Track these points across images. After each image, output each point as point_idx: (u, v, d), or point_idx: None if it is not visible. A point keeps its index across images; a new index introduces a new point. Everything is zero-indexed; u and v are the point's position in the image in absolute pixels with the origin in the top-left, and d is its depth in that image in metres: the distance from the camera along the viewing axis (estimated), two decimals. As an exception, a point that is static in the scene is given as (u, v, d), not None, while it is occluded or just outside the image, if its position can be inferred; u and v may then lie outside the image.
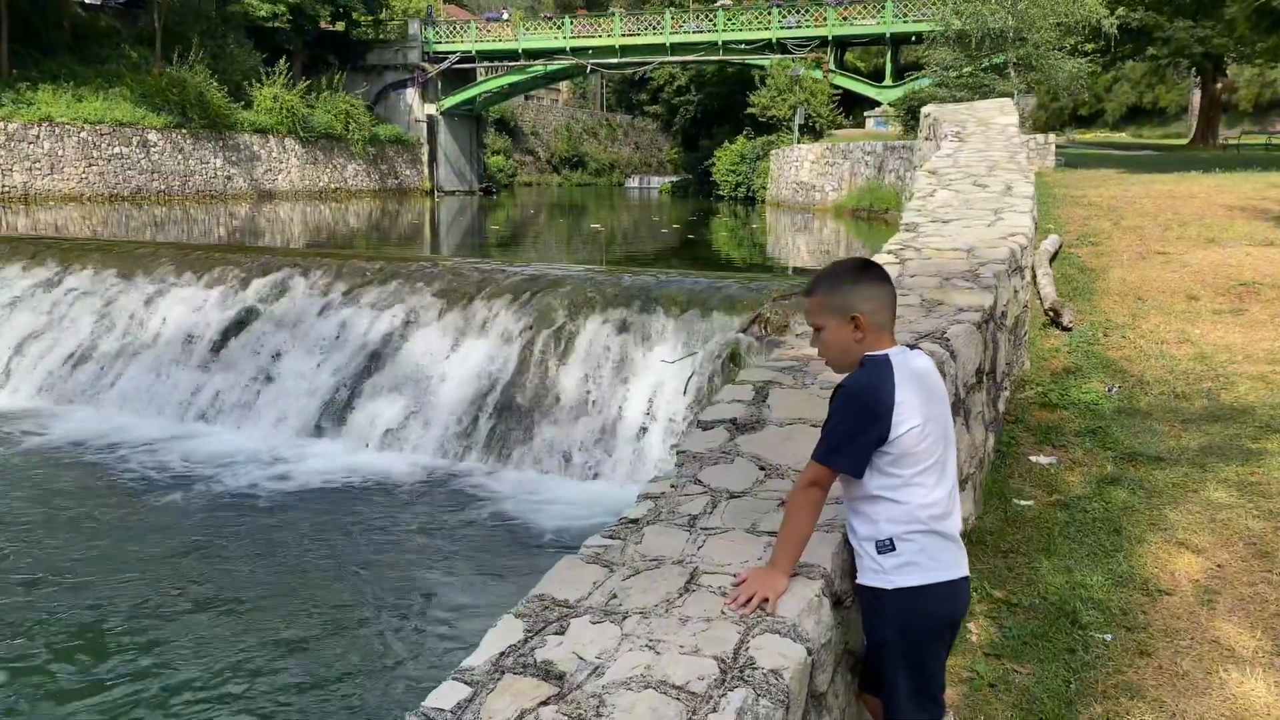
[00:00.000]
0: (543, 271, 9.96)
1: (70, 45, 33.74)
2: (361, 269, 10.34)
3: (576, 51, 43.74)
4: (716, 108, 57.78)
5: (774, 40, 40.15)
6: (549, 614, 1.85)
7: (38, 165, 29.62)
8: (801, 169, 33.08)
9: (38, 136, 29.63)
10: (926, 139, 8.81)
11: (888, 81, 38.87)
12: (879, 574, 2.09)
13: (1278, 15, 23.05)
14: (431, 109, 46.37)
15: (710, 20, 41.79)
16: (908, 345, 2.22)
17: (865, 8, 39.94)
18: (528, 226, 31.46)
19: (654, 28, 42.76)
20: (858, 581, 2.15)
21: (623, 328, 8.63)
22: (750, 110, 40.39)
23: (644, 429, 7.98)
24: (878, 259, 4.16)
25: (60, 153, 30.21)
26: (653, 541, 2.16)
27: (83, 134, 30.77)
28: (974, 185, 6.79)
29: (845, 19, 39.61)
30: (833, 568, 2.08)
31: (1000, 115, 8.64)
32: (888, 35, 38.99)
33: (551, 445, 8.14)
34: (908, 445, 2.06)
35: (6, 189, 28.70)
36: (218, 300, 10.16)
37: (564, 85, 76.99)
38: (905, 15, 38.28)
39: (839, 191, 30.38)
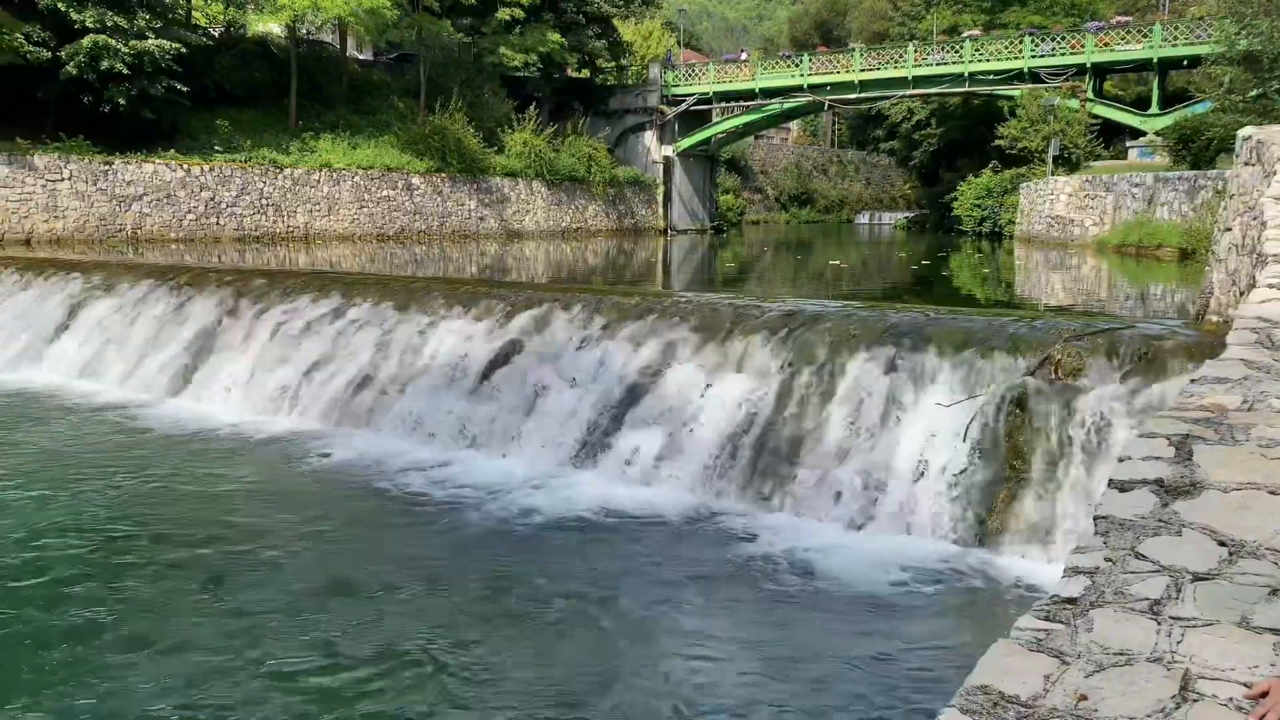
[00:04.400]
0: (800, 307, 9.64)
1: (347, 98, 36.95)
2: (619, 304, 10.39)
3: (814, 88, 43.43)
4: (958, 141, 55.77)
5: (1025, 70, 38.21)
6: (1003, 713, 1.52)
7: (317, 207, 32.49)
8: (1057, 203, 31.11)
9: (318, 181, 32.53)
10: (1247, 164, 7.83)
11: (1153, 109, 36.05)
12: None
13: None
14: (668, 150, 47.36)
15: (956, 52, 40.36)
16: None
17: (1129, 33, 37.34)
18: (762, 263, 31.28)
19: (895, 61, 41.79)
20: None
21: (891, 367, 8.15)
22: (998, 142, 38.62)
23: (917, 476, 7.45)
24: (1256, 294, 3.54)
25: (336, 196, 33.01)
26: (1108, 629, 1.78)
27: (356, 179, 33.50)
28: (1345, 211, 5.87)
29: (1106, 45, 37.14)
30: (1383, 681, 1.61)
31: (1344, 134, 7.52)
32: (1154, 61, 36.21)
33: (813, 488, 7.76)
34: None
35: (291, 229, 31.63)
36: (484, 332, 10.49)
37: (794, 123, 76.99)
38: (1175, 39, 35.41)
39: (1100, 226, 28.31)
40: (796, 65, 44.52)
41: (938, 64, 40.52)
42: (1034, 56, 38.17)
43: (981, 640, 5.63)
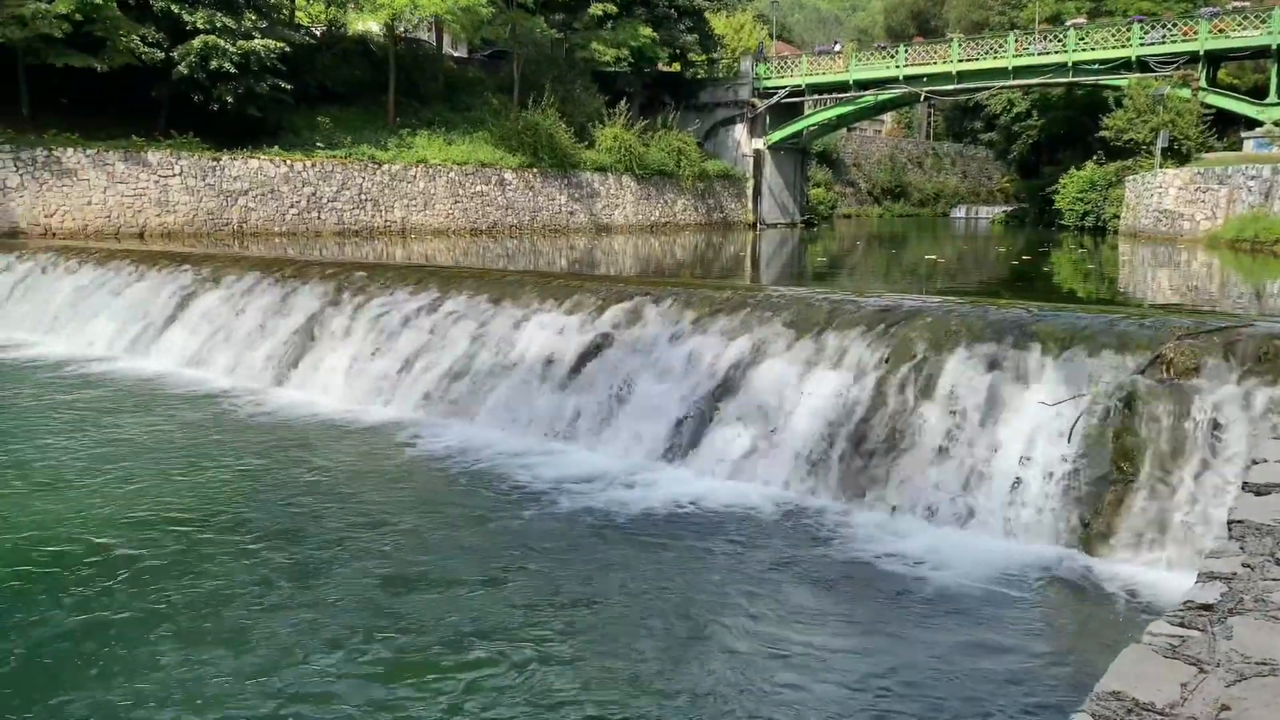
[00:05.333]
0: (897, 302, 9.46)
1: (443, 95, 37.62)
2: (710, 297, 10.35)
3: (910, 80, 42.57)
4: (1060, 133, 54.13)
5: (1133, 59, 36.80)
6: (1137, 721, 1.45)
7: (413, 202, 33.18)
8: (1165, 196, 29.90)
9: (414, 177, 33.21)
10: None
11: (1271, 98, 34.37)
12: None
13: None
14: (759, 143, 47.01)
15: (1059, 41, 39.08)
16: None
17: (1246, 18, 35.64)
18: (853, 258, 30.82)
19: (995, 52, 40.68)
20: None
21: (992, 364, 7.94)
22: (1102, 134, 37.36)
23: (1018, 477, 7.24)
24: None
25: (432, 191, 33.66)
26: (1249, 638, 1.68)
27: (451, 174, 34.11)
28: None
29: (1221, 31, 35.51)
30: None
31: None
32: (1274, 47, 34.49)
33: (910, 487, 7.60)
34: None
35: (388, 223, 32.38)
36: (576, 325, 10.57)
37: (888, 115, 75.74)
38: (1297, 22, 33.70)
39: (1212, 221, 27.12)
40: (892, 56, 43.71)
41: (1040, 54, 39.30)
42: (1143, 44, 36.73)
43: (1087, 646, 5.47)
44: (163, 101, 29.07)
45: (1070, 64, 38.40)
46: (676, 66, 44.89)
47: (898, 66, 42.72)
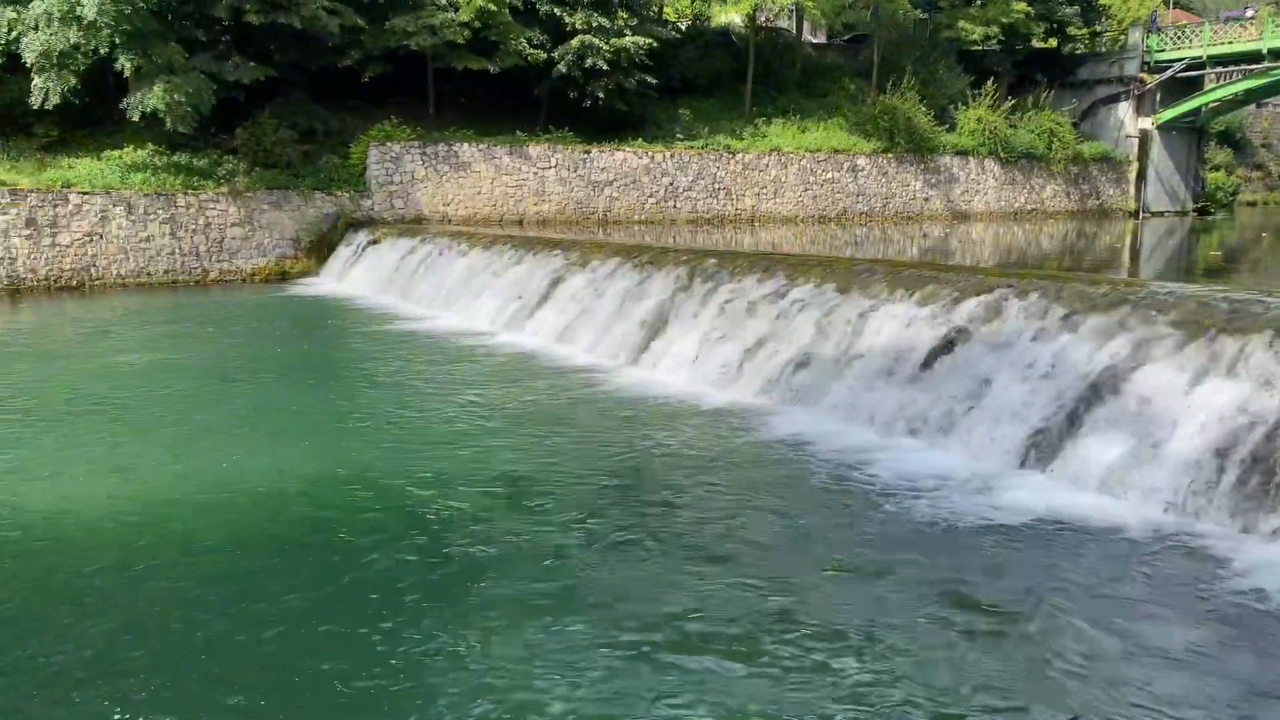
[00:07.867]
0: (1318, 304, 8.08)
1: (799, 82, 37.58)
2: (1083, 293, 9.44)
3: (1344, 44, 36.33)
4: None
5: None
6: None
7: (764, 190, 33.52)
8: None
9: (766, 165, 33.52)
10: None
11: None
12: None
13: None
14: (1145, 123, 42.36)
15: None
16: None
17: None
18: (1257, 252, 26.87)
19: None
20: None
21: None
22: None
23: None
24: None
25: (783, 179, 33.81)
26: None
27: (803, 162, 34.05)
28: None
29: None
30: None
31: None
32: None
33: (1327, 522, 6.47)
34: None
35: (738, 211, 32.98)
36: (928, 318, 10.09)
37: (1313, 87, 65.20)
38: None
39: None
40: (1321, 17, 37.52)
41: None
42: None
43: None
44: (543, 99, 31.55)
45: None
46: (1052, 42, 41.49)
47: (1329, 29, 36.60)
